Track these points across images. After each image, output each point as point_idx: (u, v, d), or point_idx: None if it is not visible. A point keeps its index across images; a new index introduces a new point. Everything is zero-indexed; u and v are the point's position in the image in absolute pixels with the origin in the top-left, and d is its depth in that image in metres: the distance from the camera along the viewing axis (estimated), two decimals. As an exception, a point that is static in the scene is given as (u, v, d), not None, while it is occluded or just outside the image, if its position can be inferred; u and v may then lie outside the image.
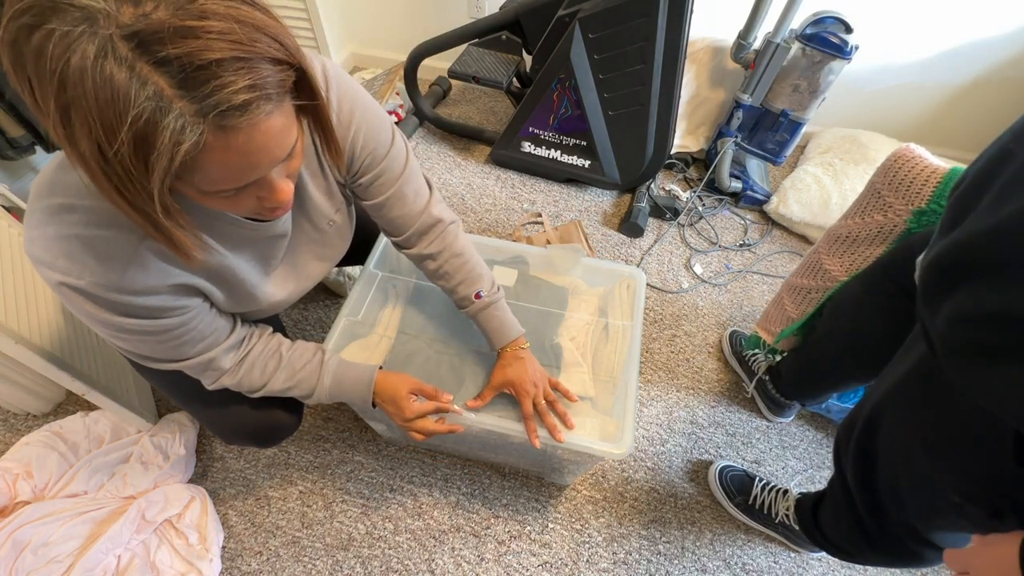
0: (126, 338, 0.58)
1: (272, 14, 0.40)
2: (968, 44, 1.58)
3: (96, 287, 0.50)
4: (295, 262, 0.73)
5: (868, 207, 0.91)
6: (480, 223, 1.61)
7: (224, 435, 0.85)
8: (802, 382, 1.11)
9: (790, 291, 1.10)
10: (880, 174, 0.88)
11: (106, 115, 0.35)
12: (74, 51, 0.33)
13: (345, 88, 0.64)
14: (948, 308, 0.46)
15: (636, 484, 1.13)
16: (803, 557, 1.06)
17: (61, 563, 0.85)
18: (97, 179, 0.38)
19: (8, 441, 1.09)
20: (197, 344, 0.64)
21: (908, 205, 0.85)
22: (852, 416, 0.74)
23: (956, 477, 0.55)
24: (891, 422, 0.64)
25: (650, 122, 1.50)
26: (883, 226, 0.89)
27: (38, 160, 1.47)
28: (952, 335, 0.46)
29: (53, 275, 0.50)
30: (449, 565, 1.01)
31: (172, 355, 0.63)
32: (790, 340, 1.12)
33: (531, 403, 0.79)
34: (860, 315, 0.89)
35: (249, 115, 0.38)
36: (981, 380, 0.44)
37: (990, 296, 0.42)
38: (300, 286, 0.77)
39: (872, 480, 0.69)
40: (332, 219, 0.73)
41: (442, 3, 1.86)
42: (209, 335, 0.65)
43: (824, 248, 1.01)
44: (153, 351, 0.62)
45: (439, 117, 1.84)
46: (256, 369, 0.71)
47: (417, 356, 0.88)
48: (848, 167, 1.63)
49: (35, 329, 0.89)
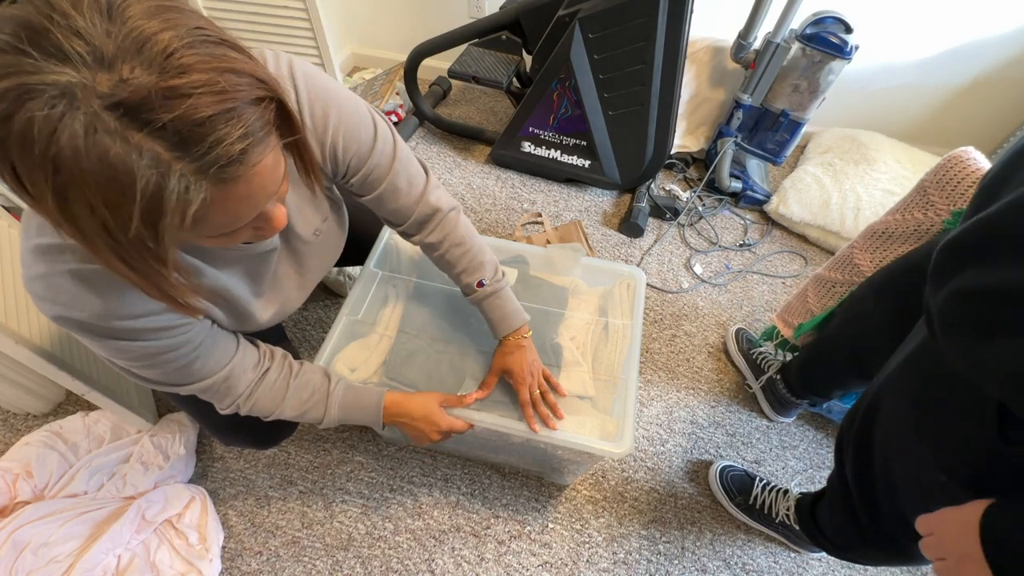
0: (133, 365, 0.57)
1: (240, 46, 0.39)
2: (968, 44, 1.58)
3: (96, 318, 0.50)
4: (288, 273, 0.73)
5: (912, 204, 0.91)
6: (480, 223, 1.61)
7: (223, 436, 0.86)
8: (813, 378, 1.10)
9: (817, 283, 1.09)
10: (932, 173, 0.88)
11: (109, 193, 0.34)
12: (61, 132, 0.32)
13: (315, 87, 0.60)
14: (951, 285, 0.47)
15: (636, 484, 1.13)
16: (803, 557, 1.06)
17: (61, 563, 0.85)
18: (100, 253, 0.37)
19: (8, 441, 1.09)
20: (207, 362, 0.63)
21: (950, 205, 0.85)
22: (855, 406, 0.75)
23: (942, 451, 0.56)
24: (888, 406, 0.66)
25: (650, 122, 1.50)
26: (921, 224, 0.89)
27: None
28: (950, 309, 0.47)
29: (52, 308, 0.49)
30: (449, 565, 1.01)
31: (182, 377, 0.62)
32: (807, 336, 1.11)
33: (527, 391, 0.80)
34: (879, 315, 0.89)
35: (245, 163, 0.38)
36: (972, 354, 0.45)
37: (989, 273, 0.43)
38: (296, 296, 0.76)
39: (869, 471, 0.70)
40: (318, 228, 0.72)
41: (442, 3, 1.86)
42: (216, 354, 0.64)
43: (860, 243, 1.00)
44: (163, 375, 0.60)
45: (439, 117, 1.84)
46: (267, 397, 0.71)
47: (417, 355, 0.88)
48: (848, 167, 1.63)
49: (35, 329, 0.89)
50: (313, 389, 0.74)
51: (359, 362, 0.87)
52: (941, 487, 0.55)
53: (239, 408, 0.70)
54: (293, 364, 0.74)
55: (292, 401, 0.72)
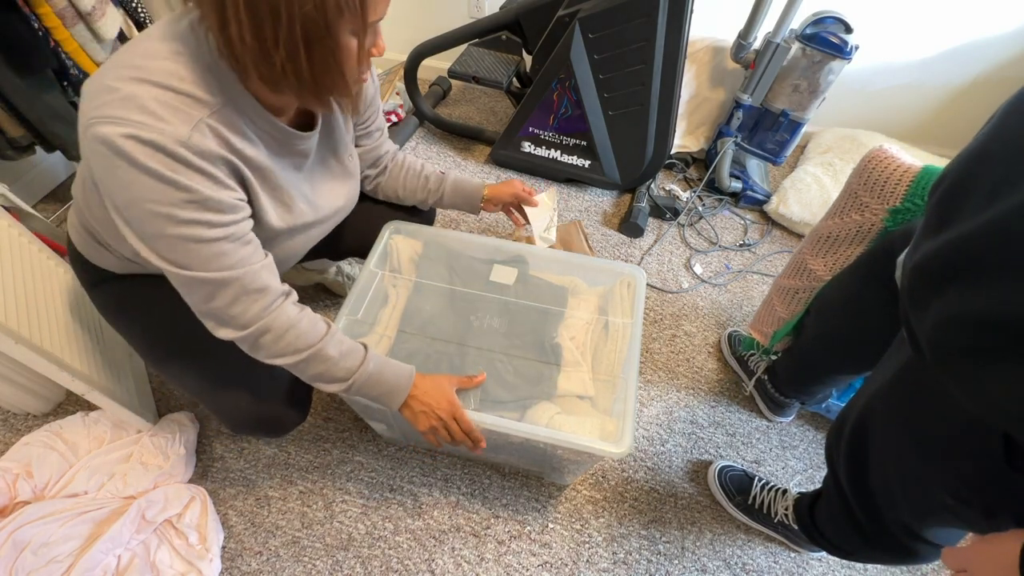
0: (175, 229, 0.56)
1: None
2: (968, 44, 1.58)
3: (166, 138, 0.52)
4: (322, 188, 0.79)
5: (846, 207, 0.93)
6: (480, 223, 1.61)
7: (233, 422, 0.85)
8: (797, 379, 1.12)
9: (779, 292, 1.12)
10: (855, 175, 0.90)
11: None
12: None
13: None
14: (936, 311, 0.45)
15: (636, 484, 1.13)
16: (803, 557, 1.06)
17: (61, 563, 0.85)
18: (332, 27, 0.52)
19: (8, 441, 1.09)
20: (240, 251, 0.62)
21: (884, 204, 0.86)
22: (841, 417, 0.74)
23: (948, 479, 0.54)
24: (882, 423, 0.65)
25: (650, 122, 1.50)
26: (861, 225, 0.91)
27: (38, 160, 1.47)
28: (942, 339, 0.45)
29: (120, 129, 0.51)
30: (449, 565, 1.01)
31: (219, 263, 0.60)
32: (784, 341, 1.13)
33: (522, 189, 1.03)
34: (845, 311, 0.91)
35: None
36: (971, 383, 0.44)
37: (979, 298, 0.41)
38: (325, 212, 0.80)
39: (864, 480, 0.69)
40: (351, 153, 0.84)
41: (442, 3, 1.87)
42: (252, 248, 0.63)
43: (808, 249, 1.03)
44: (200, 254, 0.58)
45: (439, 117, 1.84)
46: (309, 330, 0.69)
47: (417, 355, 0.89)
48: (848, 167, 1.63)
49: (35, 329, 0.89)
50: (351, 343, 0.74)
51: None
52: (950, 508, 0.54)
53: (270, 322, 0.65)
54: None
55: (331, 342, 0.70)
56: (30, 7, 1.05)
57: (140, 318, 0.83)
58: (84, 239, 0.77)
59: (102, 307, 0.85)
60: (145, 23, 1.32)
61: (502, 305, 0.96)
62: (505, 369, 0.88)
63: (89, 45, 1.17)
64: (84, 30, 1.14)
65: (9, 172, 1.40)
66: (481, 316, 0.94)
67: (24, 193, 1.43)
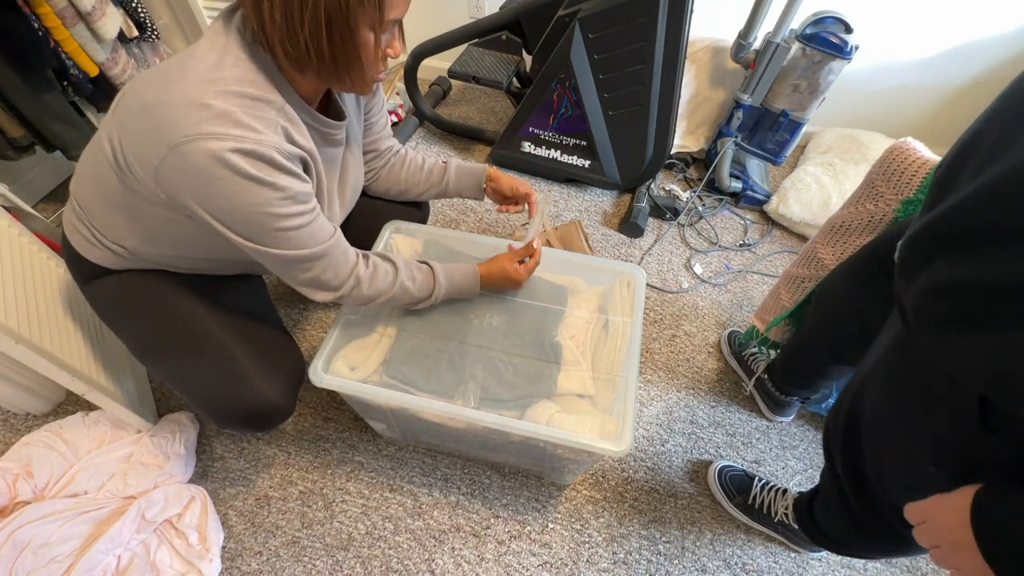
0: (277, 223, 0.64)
1: None
2: (968, 44, 1.59)
3: (264, 147, 0.59)
4: (346, 179, 0.86)
5: (863, 197, 0.95)
6: (480, 223, 1.61)
7: (218, 416, 0.84)
8: (796, 371, 1.12)
9: (786, 281, 1.13)
10: (877, 165, 0.92)
11: None
12: None
13: None
14: (922, 280, 0.47)
15: (636, 484, 1.13)
16: (803, 557, 1.06)
17: (61, 563, 0.85)
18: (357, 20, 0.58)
19: (8, 441, 1.09)
20: (325, 226, 0.71)
21: (898, 195, 0.88)
22: (838, 402, 0.76)
23: (928, 445, 0.56)
24: (872, 397, 0.66)
25: (650, 122, 1.50)
26: (873, 215, 0.93)
27: (38, 160, 1.47)
28: (924, 305, 0.48)
29: (225, 144, 0.57)
30: (449, 565, 1.01)
31: (314, 240, 0.69)
32: (781, 328, 1.14)
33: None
34: (847, 299, 0.91)
35: None
36: (949, 348, 0.46)
37: (959, 267, 0.43)
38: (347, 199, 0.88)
39: (858, 462, 0.70)
40: (360, 144, 0.89)
41: (442, 3, 1.87)
42: (326, 221, 0.72)
43: (821, 238, 1.04)
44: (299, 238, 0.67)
45: (439, 117, 1.84)
46: (386, 272, 0.81)
47: (417, 354, 0.89)
48: (848, 167, 1.63)
49: (35, 329, 0.89)
50: (418, 268, 0.85)
51: (359, 361, 0.88)
52: (931, 477, 0.55)
53: (361, 277, 0.77)
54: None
55: (406, 276, 0.82)
56: (30, 7, 1.05)
57: (130, 311, 0.84)
58: (79, 235, 0.78)
59: (94, 302, 0.85)
60: (145, 23, 1.32)
61: (502, 304, 0.96)
62: (505, 368, 0.88)
63: (89, 45, 1.17)
64: (84, 30, 1.14)
65: (9, 172, 1.40)
66: (481, 315, 0.94)
67: (24, 193, 1.43)
